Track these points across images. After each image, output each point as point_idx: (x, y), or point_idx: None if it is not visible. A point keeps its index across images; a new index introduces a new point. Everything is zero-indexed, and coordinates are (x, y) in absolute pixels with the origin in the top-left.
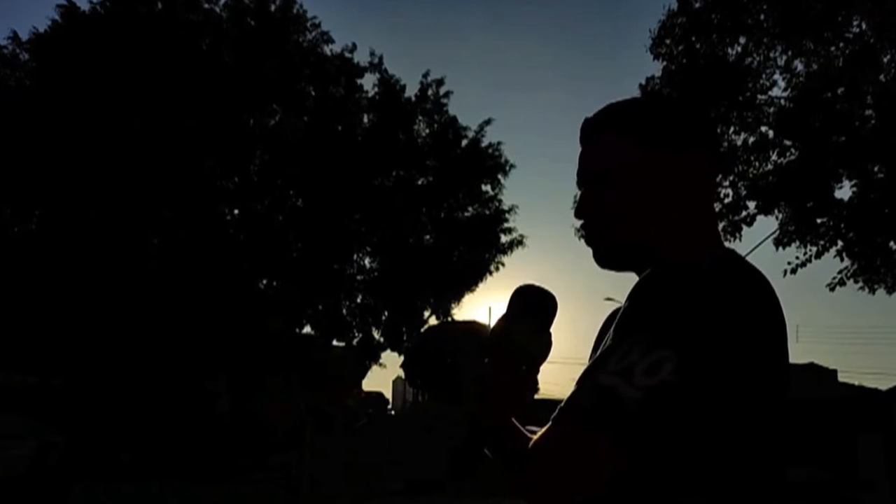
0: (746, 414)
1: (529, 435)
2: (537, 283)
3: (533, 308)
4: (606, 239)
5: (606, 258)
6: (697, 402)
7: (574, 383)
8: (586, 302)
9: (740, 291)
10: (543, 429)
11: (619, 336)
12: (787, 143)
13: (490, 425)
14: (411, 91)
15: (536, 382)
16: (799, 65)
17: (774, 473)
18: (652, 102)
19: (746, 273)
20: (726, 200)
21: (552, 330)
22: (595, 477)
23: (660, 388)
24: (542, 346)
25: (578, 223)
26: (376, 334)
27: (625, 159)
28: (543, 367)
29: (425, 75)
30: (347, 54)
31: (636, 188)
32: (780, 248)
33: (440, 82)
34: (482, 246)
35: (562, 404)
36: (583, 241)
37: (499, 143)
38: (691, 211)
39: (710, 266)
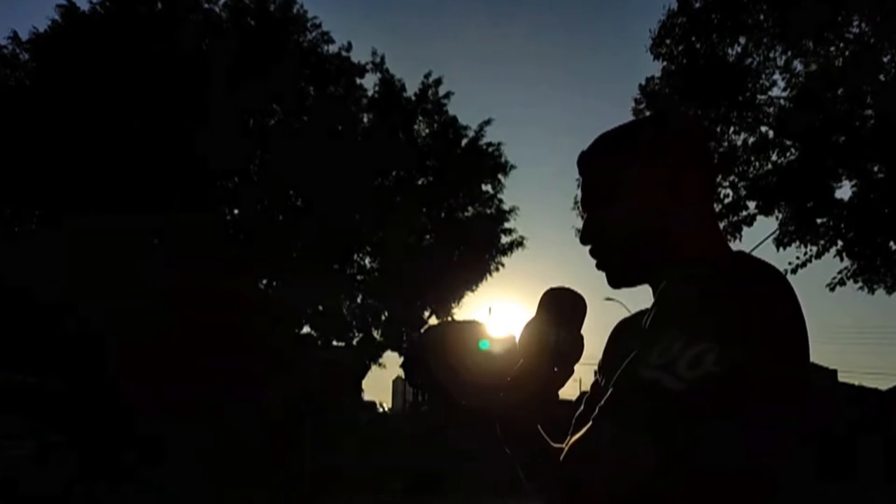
0: (787, 404)
1: (551, 437)
2: (568, 286)
3: (566, 310)
4: (617, 259)
5: (620, 279)
6: (742, 393)
7: (612, 384)
8: (586, 302)
9: (768, 282)
10: (584, 429)
11: (654, 333)
12: (787, 143)
13: (518, 423)
14: (411, 91)
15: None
16: (799, 65)
17: (807, 468)
18: (641, 121)
19: (767, 267)
20: (726, 200)
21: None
22: (642, 474)
23: (705, 379)
24: (576, 349)
25: (579, 224)
26: (376, 334)
27: (622, 178)
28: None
29: (427, 76)
30: (345, 53)
31: (637, 204)
32: (780, 249)
33: (439, 82)
34: (482, 246)
35: (602, 402)
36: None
37: (499, 144)
38: (696, 219)
39: (733, 261)
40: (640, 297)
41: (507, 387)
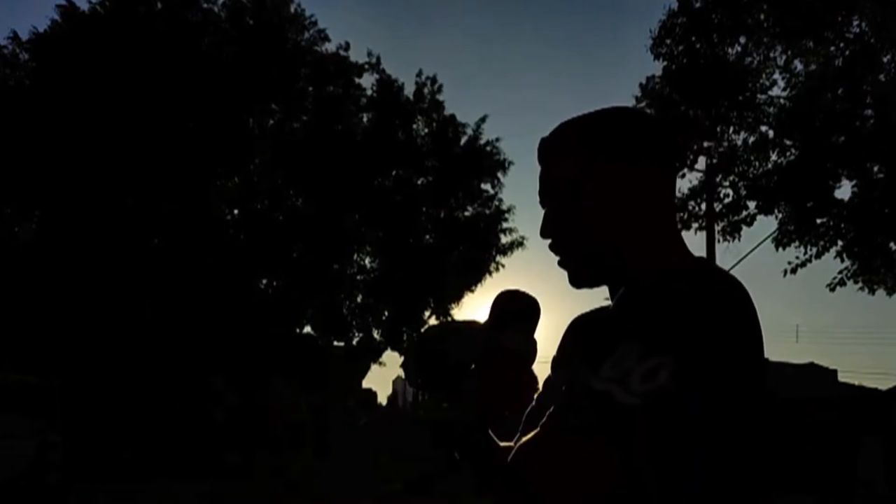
0: (743, 418)
1: (506, 444)
2: (521, 289)
3: (519, 314)
4: (579, 259)
5: (581, 280)
6: (695, 409)
7: (563, 392)
8: (586, 302)
9: (727, 295)
10: (530, 434)
11: (610, 344)
12: (787, 143)
13: (473, 431)
14: (409, 90)
15: (536, 381)
16: (799, 65)
17: (769, 474)
18: (606, 115)
19: (726, 278)
20: (726, 200)
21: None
22: (591, 485)
23: (657, 394)
24: (530, 352)
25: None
26: (376, 334)
27: (583, 170)
28: (540, 368)
29: (419, 74)
30: (343, 52)
31: (597, 199)
32: (780, 249)
33: (434, 80)
34: (482, 246)
35: (551, 410)
36: None
37: (496, 139)
38: (654, 221)
39: (692, 272)
40: None
41: (462, 404)
